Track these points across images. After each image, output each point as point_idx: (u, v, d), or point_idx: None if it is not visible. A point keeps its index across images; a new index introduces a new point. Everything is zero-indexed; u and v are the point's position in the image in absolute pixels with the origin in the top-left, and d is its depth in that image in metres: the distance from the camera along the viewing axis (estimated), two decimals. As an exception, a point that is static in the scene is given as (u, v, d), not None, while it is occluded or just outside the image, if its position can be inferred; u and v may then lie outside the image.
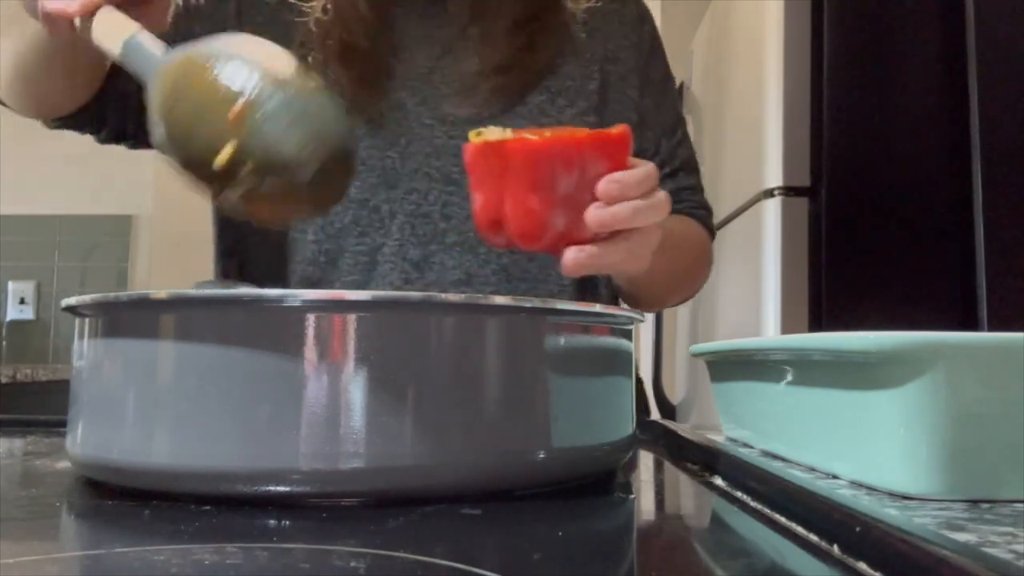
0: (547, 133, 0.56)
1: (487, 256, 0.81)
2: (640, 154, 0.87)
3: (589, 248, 0.57)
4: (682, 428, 0.61)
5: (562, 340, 0.42)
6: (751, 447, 0.58)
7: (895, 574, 0.27)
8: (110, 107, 0.82)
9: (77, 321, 0.43)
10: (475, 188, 0.58)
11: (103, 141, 0.86)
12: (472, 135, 0.57)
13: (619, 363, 0.47)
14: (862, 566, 0.29)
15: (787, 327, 1.36)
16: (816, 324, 1.35)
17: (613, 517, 0.40)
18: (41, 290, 2.67)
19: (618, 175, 0.56)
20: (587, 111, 0.85)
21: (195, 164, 0.49)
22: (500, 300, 0.40)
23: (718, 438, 0.59)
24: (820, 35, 1.38)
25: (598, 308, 0.45)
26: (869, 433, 0.42)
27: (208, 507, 0.36)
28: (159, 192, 2.60)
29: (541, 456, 0.41)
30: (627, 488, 0.45)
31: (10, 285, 2.65)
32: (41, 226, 2.67)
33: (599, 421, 0.45)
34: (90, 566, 0.29)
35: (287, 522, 0.35)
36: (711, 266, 0.96)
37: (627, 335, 0.48)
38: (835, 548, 0.31)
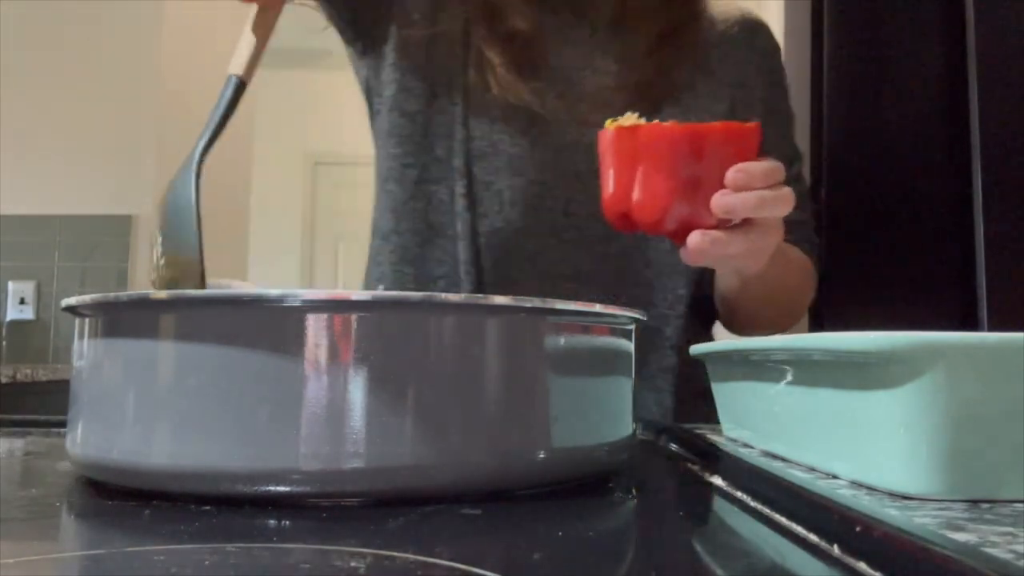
0: (684, 123, 0.59)
1: (603, 256, 0.82)
2: None
3: (713, 233, 0.58)
4: (682, 428, 0.61)
5: (562, 340, 0.43)
6: (751, 447, 0.58)
7: (895, 574, 0.27)
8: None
9: (77, 321, 0.43)
10: (605, 173, 0.61)
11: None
12: (608, 122, 0.60)
13: (620, 363, 0.47)
14: (862, 566, 0.29)
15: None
16: (816, 324, 1.35)
17: (613, 517, 0.40)
18: (41, 290, 2.66)
19: (746, 164, 0.57)
20: None
21: None
22: (500, 300, 0.40)
23: (718, 438, 0.59)
24: (820, 35, 1.38)
25: (598, 308, 0.45)
26: (869, 433, 0.42)
27: (208, 507, 0.37)
28: (159, 192, 2.60)
29: (542, 456, 0.41)
30: (627, 488, 0.45)
31: (10, 285, 2.65)
32: (41, 226, 2.66)
33: (599, 421, 0.45)
34: (90, 566, 0.29)
35: (287, 522, 0.35)
36: (811, 297, 0.95)
37: (627, 335, 0.48)
38: (835, 548, 0.31)
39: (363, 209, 1.15)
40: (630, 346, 0.49)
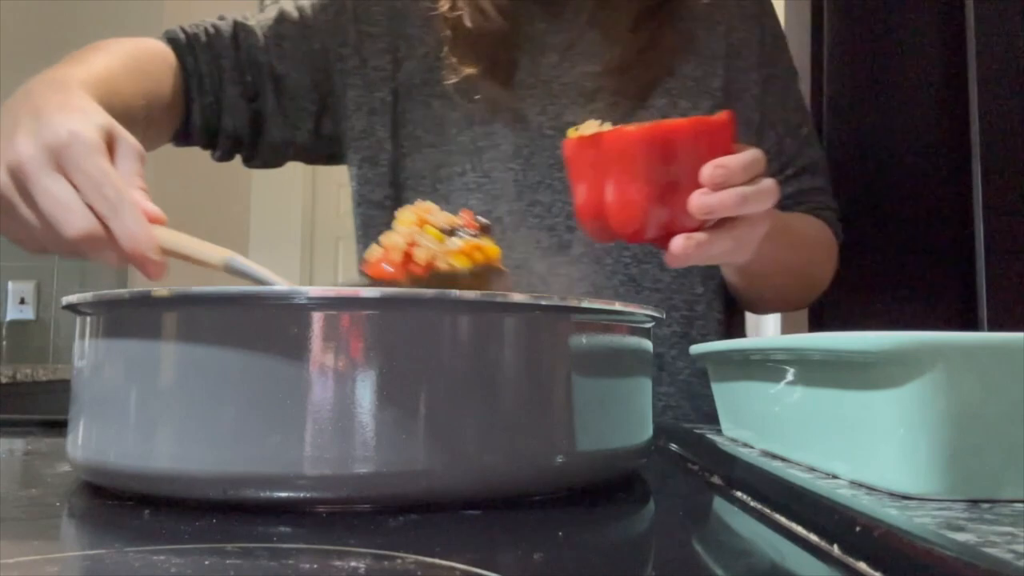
0: (648, 124, 0.55)
1: (614, 267, 0.81)
2: None
3: (697, 236, 0.56)
4: (682, 428, 0.61)
5: (581, 339, 0.41)
6: (751, 447, 0.58)
7: (895, 574, 0.27)
8: (220, 136, 0.83)
9: (78, 320, 0.43)
10: (575, 184, 0.58)
11: (217, 159, 0.88)
12: (570, 131, 0.57)
13: (639, 363, 0.46)
14: (862, 566, 0.29)
15: (787, 327, 1.36)
16: (816, 324, 1.35)
17: (613, 518, 0.40)
18: (41, 290, 2.66)
19: (723, 160, 0.54)
20: (711, 111, 0.82)
21: None
22: (516, 297, 0.38)
23: (718, 438, 0.59)
24: (820, 35, 1.38)
25: (617, 306, 0.44)
26: (869, 433, 0.42)
27: (208, 508, 0.36)
28: (159, 192, 2.59)
29: (560, 460, 0.40)
30: (633, 490, 0.45)
31: (10, 285, 2.65)
32: (41, 226, 2.66)
33: (619, 423, 0.43)
34: (90, 566, 0.29)
35: (287, 522, 0.35)
36: (835, 268, 0.91)
37: (646, 334, 0.47)
38: (835, 548, 0.31)
39: (363, 209, 1.14)
40: (649, 345, 0.47)
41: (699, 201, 0.54)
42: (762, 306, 0.91)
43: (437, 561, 0.28)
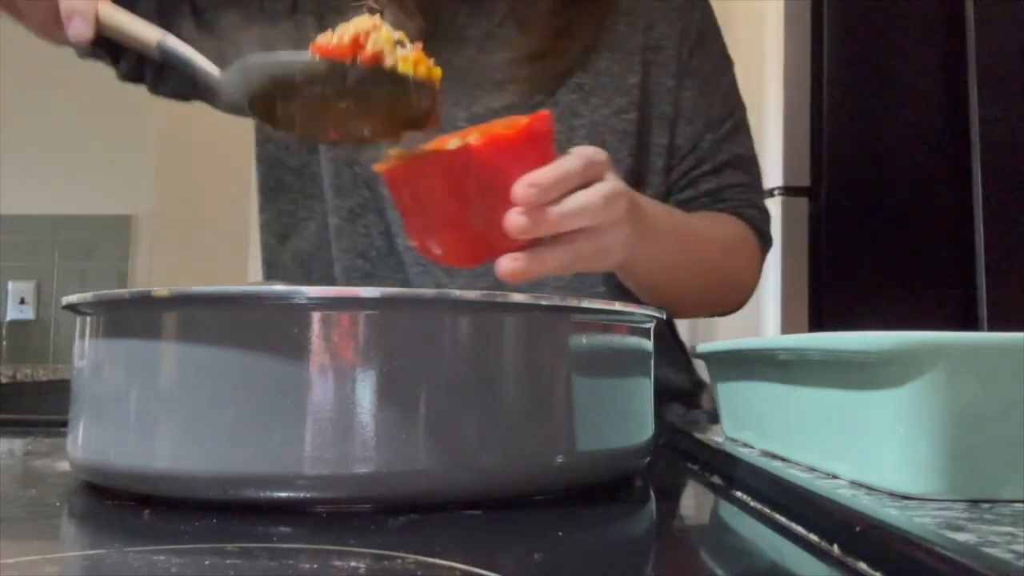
0: (472, 135, 0.50)
1: None
2: (676, 150, 0.84)
3: (523, 256, 0.51)
4: (682, 428, 0.61)
5: (581, 339, 0.41)
6: (751, 447, 0.58)
7: (895, 574, 0.27)
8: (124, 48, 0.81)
9: (78, 320, 0.43)
10: (400, 210, 0.54)
11: (121, 78, 0.85)
12: (385, 155, 0.53)
13: (639, 363, 0.46)
14: (862, 566, 0.29)
15: (787, 327, 1.36)
16: (816, 324, 1.35)
17: (613, 518, 0.40)
18: (41, 290, 2.67)
19: (534, 177, 0.49)
20: (626, 107, 0.81)
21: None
22: (517, 297, 0.38)
23: (718, 438, 0.59)
24: (820, 35, 1.38)
25: (617, 306, 0.43)
26: (869, 433, 0.42)
27: (208, 508, 0.36)
28: (159, 192, 2.60)
29: (560, 460, 0.40)
30: (634, 490, 0.45)
31: (10, 285, 2.65)
32: (41, 226, 2.66)
33: (619, 423, 0.43)
34: (90, 566, 0.29)
35: (287, 522, 0.35)
36: (757, 271, 0.85)
37: (646, 334, 0.47)
38: (835, 548, 0.31)
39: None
40: (650, 345, 0.47)
41: (514, 222, 0.50)
42: (671, 309, 0.82)
43: (437, 561, 0.28)
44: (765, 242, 0.85)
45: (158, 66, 0.82)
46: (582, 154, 0.53)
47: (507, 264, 0.51)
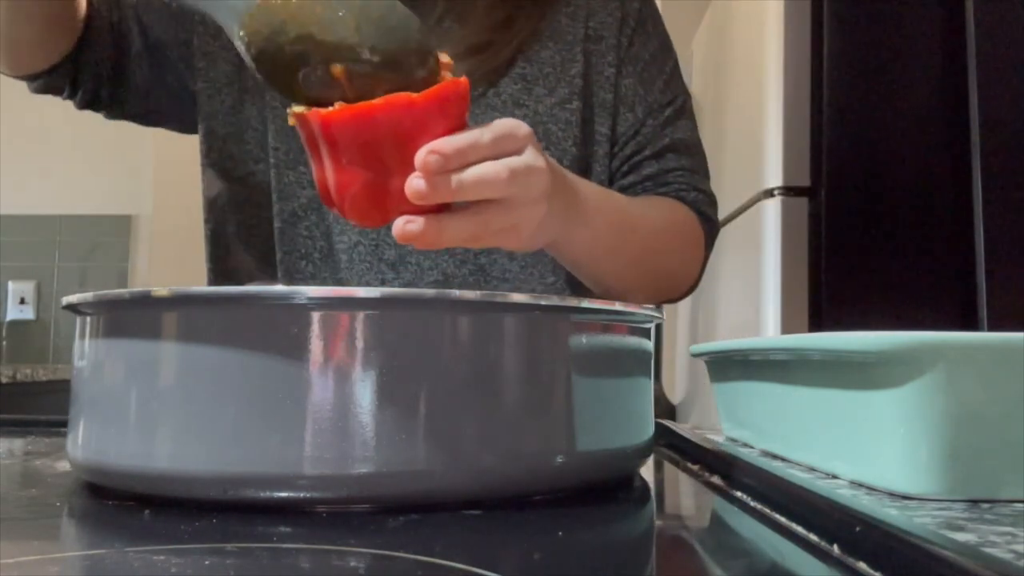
0: (357, 105, 0.49)
1: (464, 256, 0.78)
2: (618, 137, 0.84)
3: (420, 219, 0.50)
4: (682, 428, 0.61)
5: (581, 339, 0.41)
6: (751, 447, 0.58)
7: (895, 574, 0.27)
8: (84, 71, 0.80)
9: (78, 320, 0.43)
10: (312, 160, 0.53)
11: (79, 106, 0.84)
12: (289, 109, 0.52)
13: (639, 363, 0.46)
14: (862, 566, 0.29)
15: (787, 327, 1.36)
16: (816, 324, 1.35)
17: (613, 518, 0.40)
18: (41, 290, 2.67)
19: (437, 143, 0.49)
20: (569, 98, 0.81)
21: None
22: (517, 297, 0.39)
23: (718, 438, 0.59)
24: (820, 35, 1.38)
25: (617, 306, 0.43)
26: (869, 433, 0.42)
27: (208, 508, 0.36)
28: (159, 192, 2.60)
29: (560, 460, 0.40)
30: (633, 490, 0.45)
31: (10, 285, 2.65)
32: (41, 226, 2.67)
33: (619, 423, 0.43)
34: (90, 566, 0.29)
35: (287, 522, 0.35)
36: (700, 256, 0.85)
37: (646, 334, 0.47)
38: (835, 548, 0.31)
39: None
40: (650, 345, 0.47)
41: (411, 187, 0.49)
42: (611, 295, 0.81)
43: (437, 561, 0.28)
44: (711, 226, 0.85)
45: (113, 90, 0.83)
46: (496, 126, 0.51)
47: (401, 226, 0.50)
